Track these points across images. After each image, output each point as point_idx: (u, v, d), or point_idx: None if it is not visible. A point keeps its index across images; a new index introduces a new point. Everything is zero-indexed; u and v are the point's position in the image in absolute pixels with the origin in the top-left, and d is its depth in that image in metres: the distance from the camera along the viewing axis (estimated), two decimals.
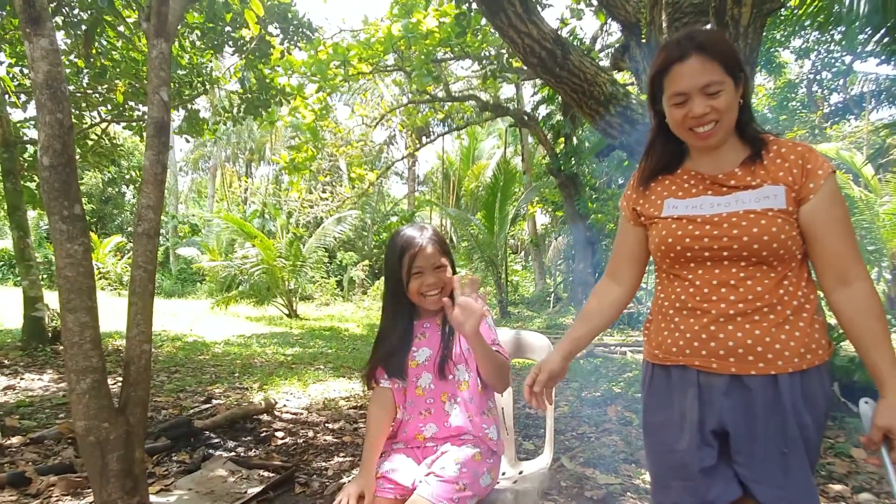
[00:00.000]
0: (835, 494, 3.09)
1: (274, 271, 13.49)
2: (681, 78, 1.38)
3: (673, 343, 1.45)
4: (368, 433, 1.85)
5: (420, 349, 1.91)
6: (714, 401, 1.40)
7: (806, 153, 1.38)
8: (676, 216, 1.46)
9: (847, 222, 1.35)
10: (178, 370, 6.30)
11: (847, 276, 1.33)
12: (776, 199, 1.37)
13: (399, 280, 1.85)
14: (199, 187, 33.38)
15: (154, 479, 3.11)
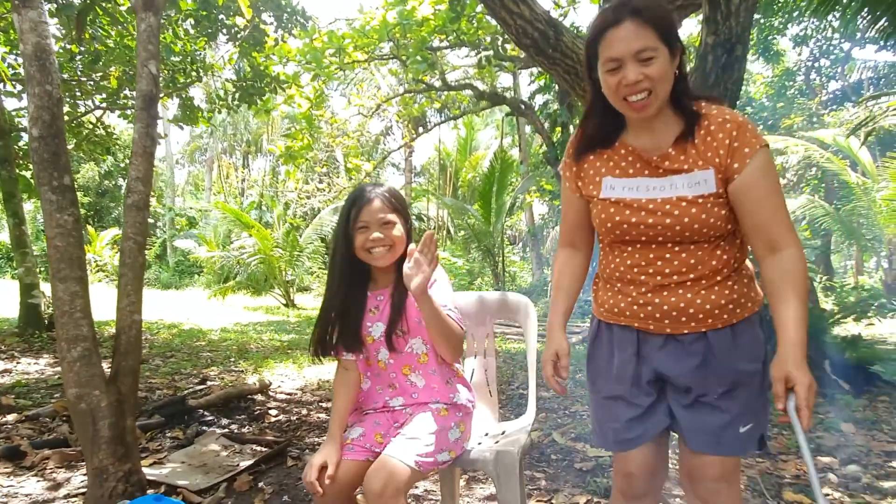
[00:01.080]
0: (823, 466, 3.12)
1: (271, 261, 13.51)
2: (614, 43, 1.35)
3: (615, 305, 1.54)
4: (335, 404, 1.85)
5: (375, 324, 1.85)
6: (651, 356, 1.51)
7: (734, 130, 1.36)
8: (614, 199, 1.48)
9: (776, 193, 1.35)
10: (173, 355, 6.33)
11: (777, 244, 1.34)
12: (706, 183, 1.38)
13: (346, 235, 1.80)
14: (196, 180, 33.35)
15: (147, 453, 3.13)
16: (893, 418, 3.89)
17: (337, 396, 1.86)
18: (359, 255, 1.81)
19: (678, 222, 1.41)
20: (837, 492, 2.77)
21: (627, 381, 1.53)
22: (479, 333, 2.35)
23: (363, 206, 1.78)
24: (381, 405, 1.88)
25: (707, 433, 1.46)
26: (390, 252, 1.80)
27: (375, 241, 1.78)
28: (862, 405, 4.16)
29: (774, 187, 1.35)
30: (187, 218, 25.35)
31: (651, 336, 1.51)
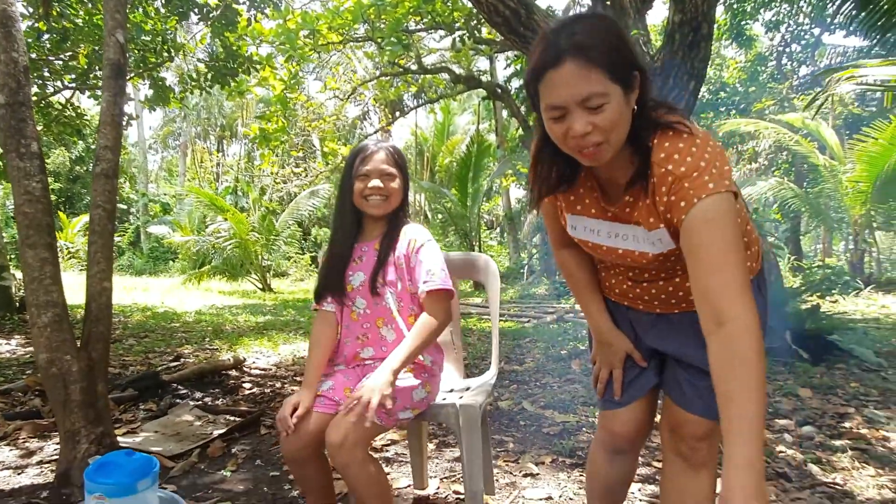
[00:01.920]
0: (779, 428, 3.25)
1: (247, 245, 13.44)
2: (556, 88, 1.13)
3: (604, 282, 1.55)
4: (311, 353, 1.91)
5: (356, 273, 1.92)
6: (644, 335, 1.52)
7: (673, 182, 1.16)
8: (578, 238, 1.43)
9: (725, 251, 1.10)
10: (147, 335, 6.31)
11: (721, 315, 1.08)
12: (662, 242, 1.28)
13: (348, 183, 1.88)
14: (170, 166, 32.86)
15: (120, 423, 3.16)
16: (848, 383, 4.05)
17: (313, 347, 1.92)
18: (356, 201, 1.88)
19: (648, 268, 1.37)
20: (791, 449, 2.89)
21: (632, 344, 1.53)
22: None
23: (367, 156, 1.87)
24: (350, 357, 1.93)
25: (698, 396, 1.42)
26: (385, 202, 1.88)
27: (374, 190, 1.85)
28: (819, 372, 4.32)
29: (715, 241, 1.11)
30: (161, 204, 25.01)
31: (642, 314, 1.50)
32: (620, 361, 1.54)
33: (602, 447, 1.63)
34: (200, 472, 2.63)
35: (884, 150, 10.53)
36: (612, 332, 1.54)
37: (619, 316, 1.55)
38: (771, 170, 17.33)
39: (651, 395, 1.58)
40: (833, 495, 2.38)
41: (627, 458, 1.63)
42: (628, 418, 1.55)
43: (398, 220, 1.94)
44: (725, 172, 1.15)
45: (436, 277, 1.83)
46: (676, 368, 1.48)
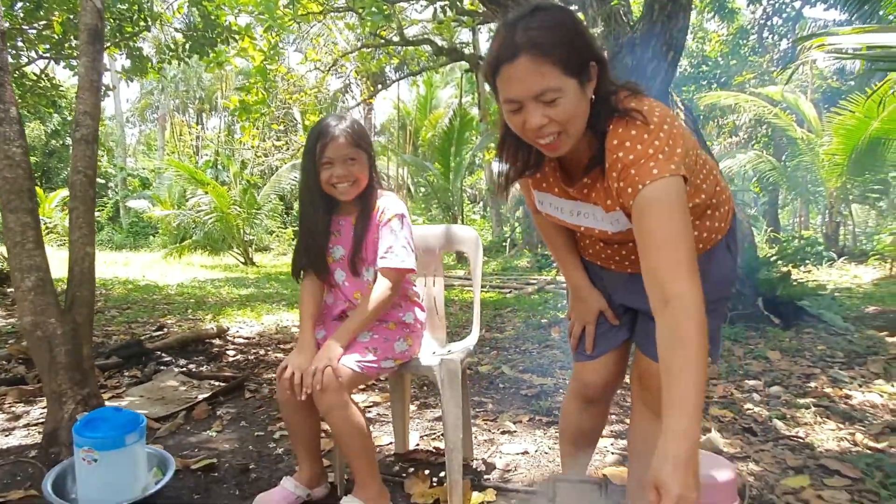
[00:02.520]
0: (749, 388, 3.37)
1: (228, 219, 13.36)
2: (511, 82, 1.17)
3: (580, 244, 1.62)
4: (302, 315, 1.97)
5: (335, 246, 1.98)
6: (616, 292, 1.59)
7: (622, 169, 1.21)
8: (546, 213, 1.50)
9: (664, 232, 1.15)
10: (129, 307, 6.32)
11: (665, 292, 1.13)
12: (619, 222, 1.34)
13: (313, 169, 1.89)
14: (148, 140, 32.34)
15: (105, 389, 3.20)
16: (815, 346, 4.20)
17: (304, 305, 1.98)
18: (324, 188, 1.91)
19: (613, 241, 1.43)
20: (758, 407, 3.02)
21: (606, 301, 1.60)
22: (428, 263, 2.46)
23: (328, 143, 1.86)
24: (338, 314, 2.03)
25: None
26: (353, 186, 1.90)
27: (340, 178, 1.87)
28: (789, 336, 4.47)
29: (661, 224, 1.15)
30: (140, 178, 24.67)
31: (615, 273, 1.56)
32: (594, 317, 1.61)
33: (574, 397, 1.72)
34: (186, 432, 2.69)
35: (860, 123, 10.68)
36: (588, 288, 1.61)
37: (594, 275, 1.62)
38: (750, 143, 17.50)
39: (621, 350, 1.66)
40: (795, 447, 2.50)
41: (597, 408, 1.71)
42: (598, 370, 1.63)
43: (370, 197, 1.96)
44: (676, 157, 1.18)
45: (394, 255, 1.88)
46: (647, 322, 1.54)
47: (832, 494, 2.04)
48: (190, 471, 2.25)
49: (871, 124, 10.51)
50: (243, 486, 2.13)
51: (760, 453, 2.44)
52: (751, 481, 2.17)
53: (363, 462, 1.86)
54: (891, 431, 2.64)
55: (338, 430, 1.83)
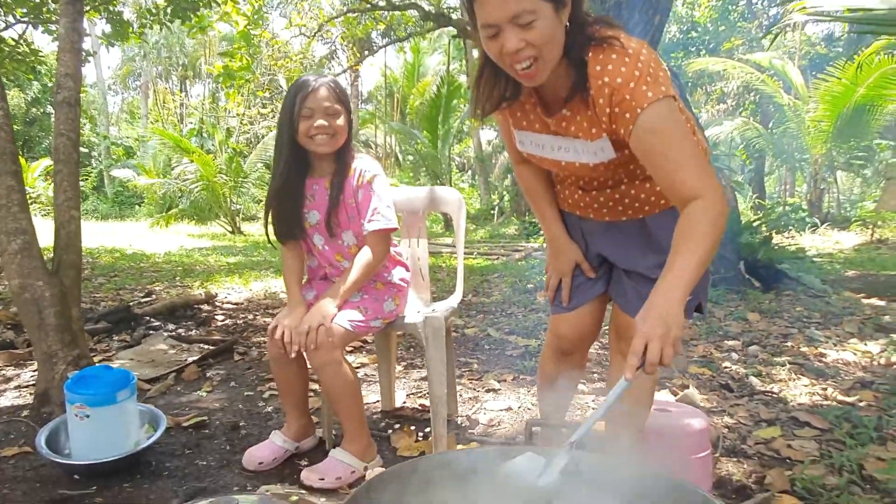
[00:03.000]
0: (728, 348, 3.46)
1: (214, 188, 13.27)
2: (486, 7, 1.19)
3: (560, 195, 1.65)
4: (286, 275, 2.00)
5: (310, 211, 1.97)
6: (593, 241, 1.62)
7: (612, 94, 1.24)
8: (527, 153, 1.50)
9: (674, 147, 1.22)
10: (117, 275, 6.31)
11: (686, 197, 1.21)
12: (604, 152, 1.35)
13: (291, 123, 1.86)
14: (131, 107, 31.82)
15: (95, 353, 3.23)
16: (793, 308, 4.30)
17: (288, 269, 2.01)
18: (301, 141, 1.88)
19: (593, 177, 1.44)
20: (736, 365, 3.11)
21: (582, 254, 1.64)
22: (412, 223, 2.49)
23: (309, 94, 1.84)
24: (322, 276, 2.07)
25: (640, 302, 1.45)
26: (332, 140, 1.88)
27: (319, 129, 1.84)
28: (769, 298, 4.57)
29: (671, 142, 1.22)
30: (124, 147, 24.34)
31: (593, 222, 1.58)
32: (570, 269, 1.65)
33: (550, 349, 1.76)
34: (177, 393, 2.74)
35: (846, 90, 10.72)
36: (565, 240, 1.64)
37: (572, 226, 1.65)
38: (738, 110, 17.51)
39: (597, 303, 1.69)
40: (768, 402, 2.59)
41: (573, 360, 1.75)
42: (574, 322, 1.67)
43: (346, 156, 1.95)
44: (661, 78, 1.22)
45: (381, 216, 1.89)
46: (624, 277, 1.59)
47: (801, 444, 2.12)
48: (181, 428, 2.30)
49: (857, 91, 10.55)
50: (234, 442, 2.19)
51: (735, 407, 2.52)
52: (725, 433, 2.25)
53: (352, 417, 1.92)
54: (861, 386, 2.74)
55: (329, 386, 1.88)
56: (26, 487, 1.83)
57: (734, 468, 1.97)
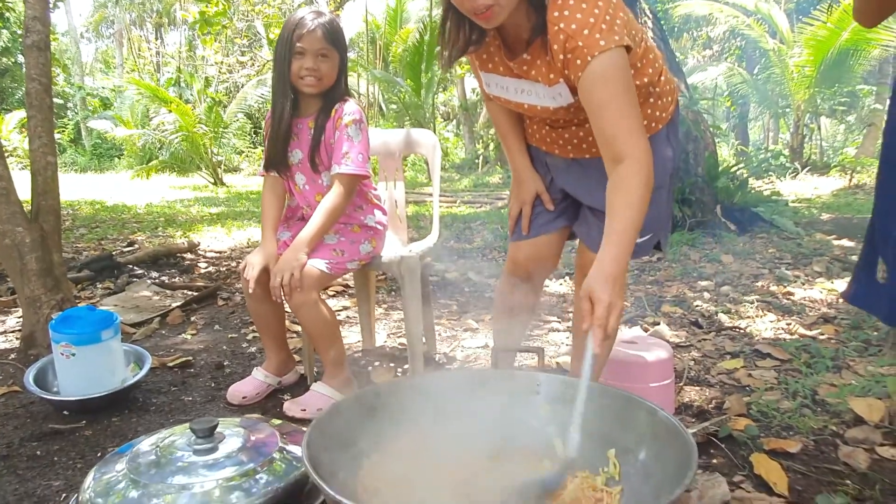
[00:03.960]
0: (701, 288, 3.57)
1: (195, 138, 13.07)
2: None
3: (528, 130, 1.68)
4: (264, 212, 2.04)
5: (294, 150, 2.01)
6: (558, 177, 1.66)
7: (566, 41, 1.25)
8: (493, 94, 1.54)
9: (615, 101, 1.25)
10: (98, 226, 6.29)
11: (618, 155, 1.26)
12: (562, 97, 1.38)
13: (285, 58, 1.89)
14: (106, 57, 30.91)
15: (79, 300, 3.27)
16: (766, 250, 4.41)
17: (266, 206, 2.05)
18: (292, 79, 1.91)
19: (556, 118, 1.48)
20: (707, 304, 3.21)
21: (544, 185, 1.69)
22: (389, 166, 2.52)
23: (303, 34, 1.86)
24: (301, 216, 2.11)
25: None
26: (319, 82, 1.91)
27: (309, 71, 1.88)
28: (743, 241, 4.67)
29: (613, 96, 1.25)
30: (100, 98, 23.73)
31: (558, 158, 1.62)
32: (531, 198, 1.70)
33: (506, 275, 1.81)
34: (162, 336, 2.80)
35: (830, 34, 10.67)
36: (528, 170, 1.69)
37: (537, 159, 1.70)
38: (723, 56, 17.37)
39: (556, 236, 1.74)
40: (735, 336, 2.70)
41: (528, 287, 1.79)
42: (530, 249, 1.72)
43: (333, 98, 1.97)
44: (617, 28, 1.24)
45: (349, 161, 1.92)
46: (588, 214, 1.65)
47: (761, 373, 2.24)
48: (167, 368, 2.37)
49: (842, 35, 10.51)
50: (218, 380, 2.26)
51: (703, 342, 2.63)
52: (691, 365, 2.36)
53: (332, 353, 1.99)
54: (824, 321, 2.86)
55: (308, 326, 1.95)
56: (17, 423, 1.89)
57: (697, 396, 2.07)
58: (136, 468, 1.13)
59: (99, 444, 1.76)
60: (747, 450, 1.65)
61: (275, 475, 1.13)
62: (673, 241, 4.59)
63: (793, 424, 1.80)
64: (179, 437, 1.20)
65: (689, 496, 1.29)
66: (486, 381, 1.28)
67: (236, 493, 1.08)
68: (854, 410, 1.83)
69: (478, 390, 1.23)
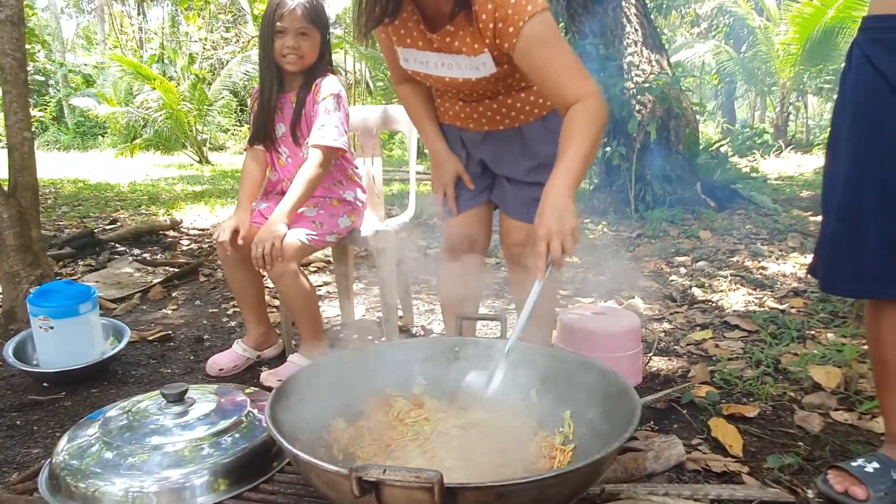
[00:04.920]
0: (678, 264, 3.63)
1: (179, 116, 12.92)
2: None
3: (440, 109, 1.72)
4: (243, 182, 2.08)
5: (278, 124, 2.07)
6: (474, 150, 1.71)
7: (495, 10, 1.30)
8: (412, 70, 1.55)
9: (556, 55, 1.31)
10: (81, 204, 6.26)
11: (568, 102, 1.31)
12: (486, 66, 1.41)
13: (268, 36, 1.94)
14: (87, 33, 30.35)
15: (60, 276, 3.28)
16: (744, 226, 4.48)
17: (245, 176, 2.10)
18: (275, 58, 1.97)
19: (474, 90, 1.52)
20: (683, 278, 3.28)
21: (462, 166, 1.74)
22: (367, 143, 2.54)
23: (284, 13, 1.91)
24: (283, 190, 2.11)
25: (518, 204, 1.66)
26: (300, 60, 1.97)
27: (290, 49, 1.94)
28: (721, 217, 4.73)
29: (553, 51, 1.31)
30: (83, 75, 23.34)
31: (473, 132, 1.67)
32: (452, 180, 1.75)
33: (445, 254, 1.86)
34: (142, 311, 2.83)
35: (816, 12, 10.66)
36: (446, 153, 1.73)
37: (453, 137, 1.74)
38: (711, 33, 17.34)
39: (483, 209, 1.78)
40: (706, 309, 2.76)
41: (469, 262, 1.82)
42: (461, 224, 1.77)
43: (314, 74, 2.03)
44: None
45: (326, 133, 1.95)
46: (504, 183, 1.70)
47: (728, 344, 2.30)
48: (147, 342, 2.40)
49: (827, 13, 10.52)
50: (198, 353, 2.30)
51: (675, 315, 2.69)
52: (661, 336, 2.42)
53: (310, 324, 2.03)
54: (794, 295, 2.93)
55: (286, 295, 1.99)
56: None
57: (665, 365, 2.14)
58: (108, 432, 1.17)
59: (78, 413, 1.80)
60: (707, 415, 1.71)
61: (244, 436, 1.17)
62: (653, 218, 4.64)
63: (753, 391, 1.87)
64: (151, 403, 1.24)
65: (645, 456, 1.34)
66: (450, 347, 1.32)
67: (206, 451, 1.12)
68: (813, 378, 1.90)
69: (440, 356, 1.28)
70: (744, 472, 1.42)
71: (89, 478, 1.10)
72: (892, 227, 1.21)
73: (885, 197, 1.21)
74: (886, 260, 1.22)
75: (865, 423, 1.66)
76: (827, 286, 1.36)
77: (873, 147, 1.22)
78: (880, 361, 1.34)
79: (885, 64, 1.18)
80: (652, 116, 4.91)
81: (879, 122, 1.20)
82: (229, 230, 1.92)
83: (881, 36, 1.19)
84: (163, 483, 1.09)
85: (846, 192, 1.27)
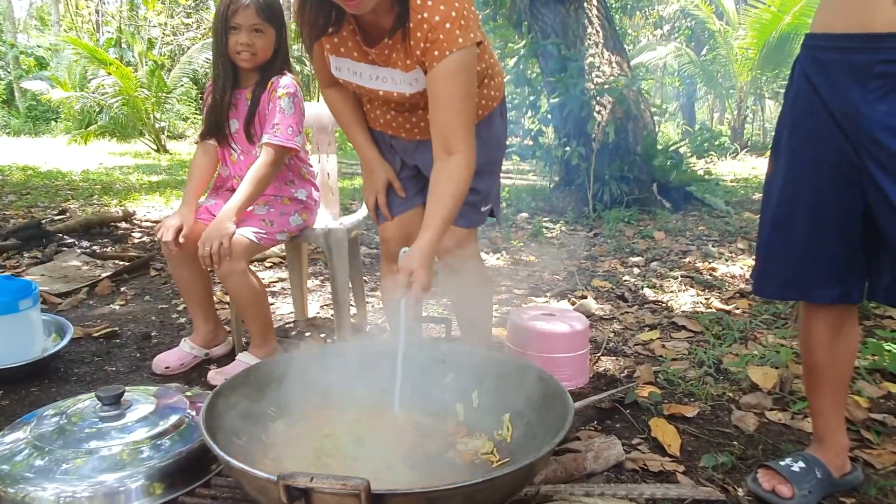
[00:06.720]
0: (632, 264, 3.70)
1: (136, 103, 12.58)
2: None
3: (370, 116, 1.72)
4: (190, 176, 2.05)
5: (231, 120, 2.03)
6: (408, 157, 1.73)
7: (428, 31, 1.33)
8: (343, 79, 1.56)
9: (460, 99, 1.37)
10: (29, 192, 6.06)
11: (450, 148, 1.38)
12: (419, 82, 1.45)
13: (220, 33, 1.91)
14: (41, 13, 29.29)
15: (3, 270, 3.18)
16: (697, 227, 4.60)
17: (193, 171, 2.07)
18: (229, 54, 1.94)
19: (407, 104, 1.54)
20: (635, 279, 3.34)
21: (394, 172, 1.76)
22: (322, 139, 2.52)
23: (238, 9, 1.88)
24: (230, 186, 2.10)
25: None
26: (254, 57, 1.94)
27: (244, 46, 1.91)
28: (676, 218, 4.85)
29: (459, 92, 1.36)
30: (35, 58, 22.54)
31: (404, 141, 1.69)
32: (383, 186, 1.76)
33: (384, 258, 1.86)
34: (89, 306, 2.76)
35: (774, 17, 10.95)
36: (377, 160, 1.74)
37: (384, 145, 1.75)
38: (673, 35, 17.65)
39: (418, 213, 1.76)
40: (656, 309, 2.83)
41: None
42: (396, 227, 1.78)
43: (270, 71, 2.00)
44: (472, 24, 1.34)
45: (278, 132, 1.94)
46: None
47: (674, 344, 2.36)
48: (92, 338, 2.35)
49: (784, 18, 10.82)
50: (144, 350, 2.26)
51: (625, 315, 2.75)
52: (611, 336, 2.47)
53: (259, 323, 2.01)
54: (740, 296, 3.02)
55: (235, 295, 1.97)
56: None
57: (612, 365, 2.18)
58: (40, 436, 1.14)
59: (16, 413, 1.74)
60: (649, 415, 1.76)
61: (181, 439, 1.16)
62: (609, 218, 4.72)
63: (695, 391, 1.93)
64: (86, 405, 1.22)
65: (584, 456, 1.37)
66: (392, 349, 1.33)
67: (141, 454, 1.11)
68: (751, 378, 1.97)
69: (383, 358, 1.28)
70: (679, 472, 1.47)
71: (19, 482, 1.07)
72: (820, 235, 1.26)
73: (815, 208, 1.26)
74: (812, 268, 1.27)
75: (797, 423, 1.72)
76: (758, 288, 1.41)
77: (806, 160, 1.27)
78: (810, 364, 1.40)
79: (820, 82, 1.22)
80: (611, 117, 4.98)
81: (813, 137, 1.25)
82: (173, 230, 1.88)
83: (817, 55, 1.23)
84: (96, 488, 1.07)
85: (780, 201, 1.32)
